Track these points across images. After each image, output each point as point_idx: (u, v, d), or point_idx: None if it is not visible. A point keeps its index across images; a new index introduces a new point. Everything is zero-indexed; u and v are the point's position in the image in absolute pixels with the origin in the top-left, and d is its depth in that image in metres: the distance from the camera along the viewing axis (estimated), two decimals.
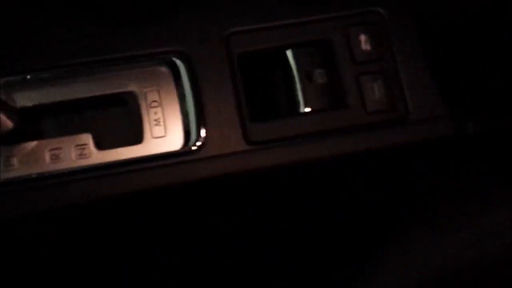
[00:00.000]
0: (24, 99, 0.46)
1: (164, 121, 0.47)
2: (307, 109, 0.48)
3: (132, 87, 0.47)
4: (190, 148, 0.46)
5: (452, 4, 0.51)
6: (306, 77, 0.49)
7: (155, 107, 0.47)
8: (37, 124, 0.47)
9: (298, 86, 0.49)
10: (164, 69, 0.48)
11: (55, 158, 0.45)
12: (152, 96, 0.48)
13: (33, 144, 0.45)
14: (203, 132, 0.47)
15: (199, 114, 0.47)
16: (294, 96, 0.49)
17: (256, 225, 0.56)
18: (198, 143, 0.46)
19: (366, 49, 0.50)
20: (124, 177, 0.45)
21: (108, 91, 0.47)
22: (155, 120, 0.47)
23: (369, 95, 0.49)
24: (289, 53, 0.50)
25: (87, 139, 0.46)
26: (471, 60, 0.51)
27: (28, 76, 0.47)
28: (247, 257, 0.58)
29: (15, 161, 0.45)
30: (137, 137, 0.47)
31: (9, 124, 0.42)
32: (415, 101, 0.49)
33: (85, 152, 0.46)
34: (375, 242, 0.51)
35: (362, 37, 0.50)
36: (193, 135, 0.47)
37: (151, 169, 0.45)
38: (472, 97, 0.51)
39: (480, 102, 0.51)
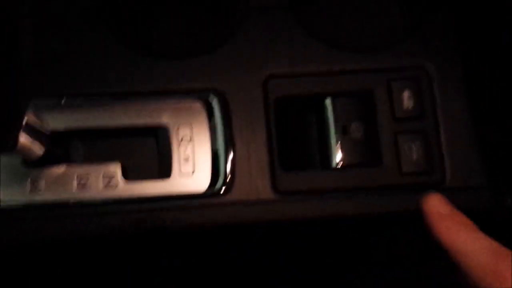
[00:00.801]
0: (56, 122, 0.46)
1: (193, 159, 0.47)
2: (340, 164, 0.47)
3: (165, 121, 0.47)
4: (217, 191, 0.46)
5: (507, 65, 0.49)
6: (342, 129, 0.48)
7: (186, 143, 0.47)
8: (67, 148, 0.47)
9: (333, 138, 0.48)
10: (198, 105, 0.48)
11: (82, 185, 0.45)
12: (184, 131, 0.47)
13: (61, 169, 0.45)
14: (231, 175, 0.46)
15: (229, 156, 0.46)
16: (328, 148, 0.48)
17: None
18: (225, 186, 0.46)
19: (408, 106, 0.48)
20: (148, 214, 0.45)
21: (141, 122, 0.47)
22: (185, 156, 0.47)
23: (406, 155, 0.47)
24: (327, 102, 0.49)
25: (116, 168, 0.46)
26: None
27: (63, 100, 0.47)
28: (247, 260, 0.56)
29: (42, 184, 0.45)
30: (165, 171, 0.46)
31: (40, 150, 0.43)
32: (453, 167, 0.47)
33: (112, 182, 0.46)
34: None
35: (405, 93, 0.48)
36: (221, 177, 0.46)
37: (175, 209, 0.45)
38: None
39: None
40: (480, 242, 0.38)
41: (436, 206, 0.42)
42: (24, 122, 0.41)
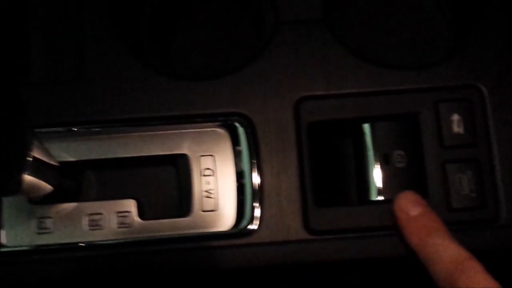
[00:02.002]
0: (67, 153, 0.42)
1: (216, 193, 0.42)
2: (380, 198, 0.42)
3: (185, 150, 0.43)
4: (242, 230, 0.41)
5: None
6: (383, 158, 0.43)
7: (208, 175, 0.42)
8: (78, 181, 0.43)
9: (373, 168, 0.43)
10: (222, 132, 0.43)
11: (94, 224, 0.41)
12: (206, 162, 0.42)
13: (71, 206, 0.41)
14: (258, 213, 0.41)
15: (256, 190, 0.42)
16: (367, 179, 0.43)
17: None
18: (252, 225, 0.41)
19: (458, 132, 0.43)
20: (166, 255, 0.40)
21: (159, 152, 0.42)
22: (207, 191, 0.42)
23: (456, 188, 0.42)
24: (366, 127, 0.43)
25: (131, 206, 0.41)
26: None
27: (75, 128, 0.43)
28: None
29: (50, 223, 0.41)
30: (184, 208, 0.42)
31: (47, 187, 0.38)
32: (509, 201, 0.42)
33: (127, 221, 0.41)
34: None
35: (455, 116, 0.43)
36: (247, 215, 0.41)
37: (196, 251, 0.40)
38: None
39: None
40: (447, 251, 0.37)
41: (406, 208, 0.40)
42: (29, 158, 0.37)
